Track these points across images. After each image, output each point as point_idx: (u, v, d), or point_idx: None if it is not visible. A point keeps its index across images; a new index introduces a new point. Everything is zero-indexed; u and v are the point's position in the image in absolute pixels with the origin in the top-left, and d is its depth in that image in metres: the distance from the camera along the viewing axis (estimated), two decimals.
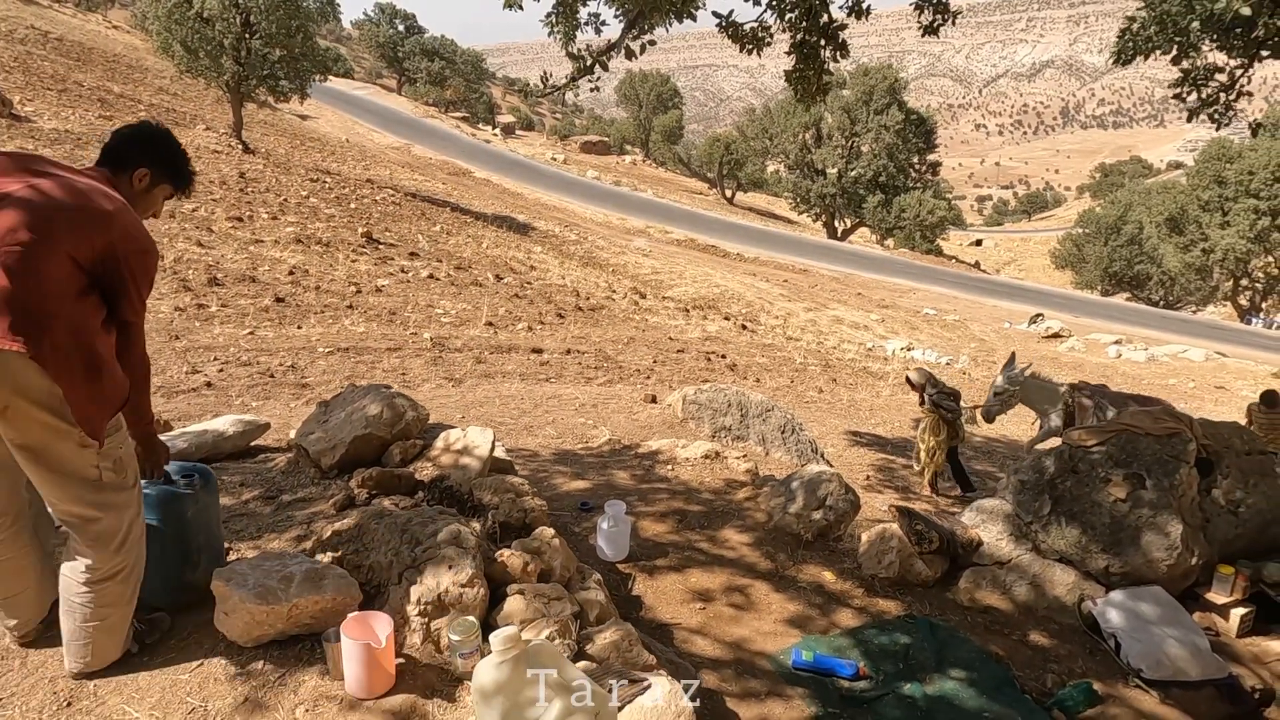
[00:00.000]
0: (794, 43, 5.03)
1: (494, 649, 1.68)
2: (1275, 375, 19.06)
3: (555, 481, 4.61)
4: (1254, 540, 4.08)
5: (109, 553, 2.03)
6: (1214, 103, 5.74)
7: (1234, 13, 4.59)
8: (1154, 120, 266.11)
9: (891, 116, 41.16)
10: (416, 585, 2.25)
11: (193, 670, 2.08)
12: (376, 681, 1.99)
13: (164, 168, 2.22)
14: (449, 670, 2.15)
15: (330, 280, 10.66)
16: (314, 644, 2.18)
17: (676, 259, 24.53)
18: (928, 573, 3.88)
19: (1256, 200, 33.11)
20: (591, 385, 8.24)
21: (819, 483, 4.25)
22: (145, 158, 2.18)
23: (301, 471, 3.36)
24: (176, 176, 2.26)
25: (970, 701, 3.09)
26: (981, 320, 24.10)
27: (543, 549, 2.59)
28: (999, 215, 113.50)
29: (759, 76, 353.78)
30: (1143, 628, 3.52)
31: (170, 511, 2.31)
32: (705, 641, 3.23)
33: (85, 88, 21.42)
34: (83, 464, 1.97)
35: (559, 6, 4.79)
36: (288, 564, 2.22)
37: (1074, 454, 4.11)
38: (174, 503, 2.31)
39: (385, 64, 61.29)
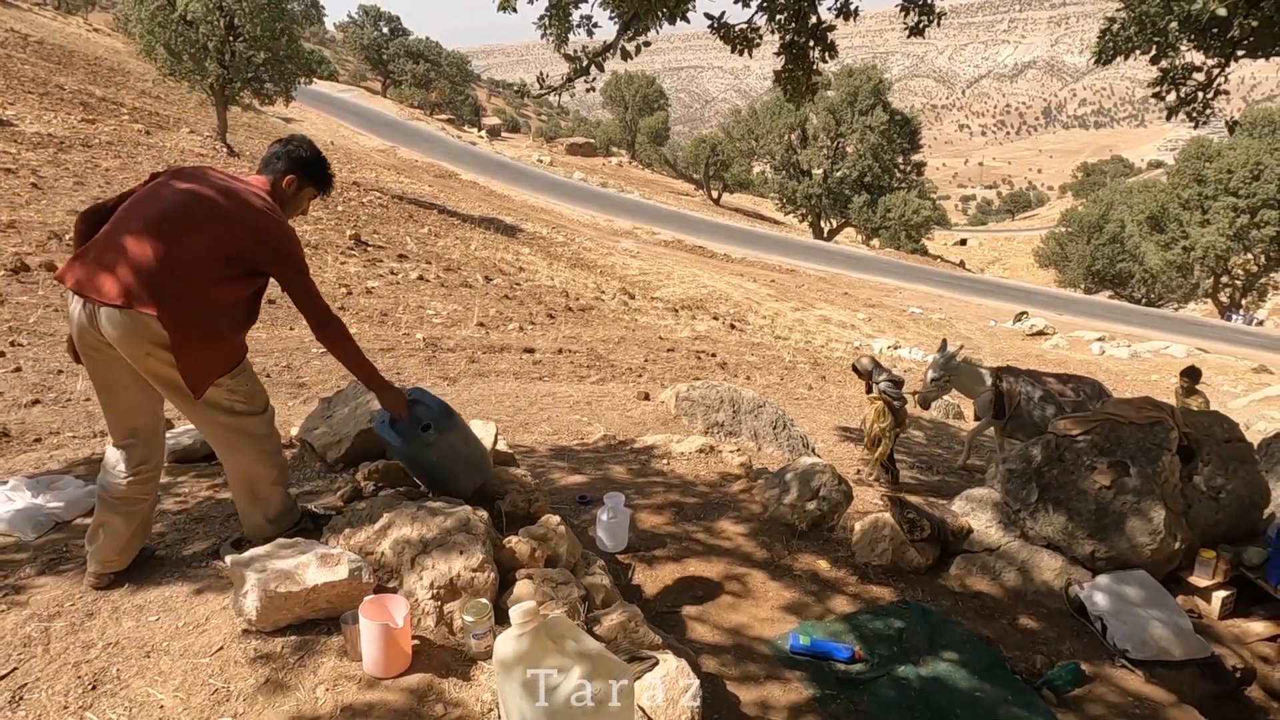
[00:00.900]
0: (783, 44, 5.12)
1: (514, 622, 1.75)
2: (1255, 371, 19.36)
3: (553, 476, 4.67)
4: (1234, 525, 4.20)
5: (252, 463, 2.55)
6: (1192, 101, 5.88)
7: (1210, 13, 4.71)
8: (1135, 120, 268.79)
9: (876, 117, 41.45)
10: (429, 570, 2.32)
11: (213, 654, 2.14)
12: (394, 661, 2.06)
13: (306, 173, 2.68)
14: (462, 651, 2.22)
15: (320, 282, 10.65)
16: (330, 628, 2.24)
17: (664, 260, 24.63)
18: (919, 560, 3.97)
19: (1235, 198, 33.56)
20: (585, 384, 8.31)
21: (812, 474, 4.34)
22: (291, 165, 2.65)
23: (306, 466, 3.41)
24: (316, 180, 2.73)
25: (963, 682, 3.18)
26: (967, 319, 24.33)
27: (549, 536, 2.66)
28: (983, 215, 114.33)
29: (744, 78, 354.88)
30: (1128, 610, 3.63)
31: (419, 449, 2.81)
32: (704, 628, 3.31)
33: (67, 91, 21.29)
34: (217, 396, 2.45)
35: (552, 9, 4.86)
36: (304, 550, 2.28)
37: (1060, 443, 4.22)
38: (422, 445, 2.81)
39: (370, 66, 61.07)
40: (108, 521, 2.46)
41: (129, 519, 2.48)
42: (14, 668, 2.07)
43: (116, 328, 2.28)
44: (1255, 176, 33.17)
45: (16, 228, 9.11)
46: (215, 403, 2.46)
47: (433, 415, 2.81)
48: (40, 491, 2.95)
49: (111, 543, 2.46)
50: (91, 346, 2.37)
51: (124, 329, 2.28)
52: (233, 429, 2.52)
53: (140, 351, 2.32)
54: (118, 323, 2.27)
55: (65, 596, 2.39)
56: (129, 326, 2.27)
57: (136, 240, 2.32)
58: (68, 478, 3.11)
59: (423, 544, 2.38)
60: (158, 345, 2.30)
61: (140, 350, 2.31)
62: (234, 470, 2.59)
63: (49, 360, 6.01)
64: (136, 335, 2.28)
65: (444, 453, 2.82)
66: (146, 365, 2.35)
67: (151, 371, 2.37)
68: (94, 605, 2.35)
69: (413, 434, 2.78)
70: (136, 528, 2.51)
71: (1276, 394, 15.77)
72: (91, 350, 2.38)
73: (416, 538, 2.39)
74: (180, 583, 2.48)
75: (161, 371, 2.36)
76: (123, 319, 2.27)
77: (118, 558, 2.48)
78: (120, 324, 2.27)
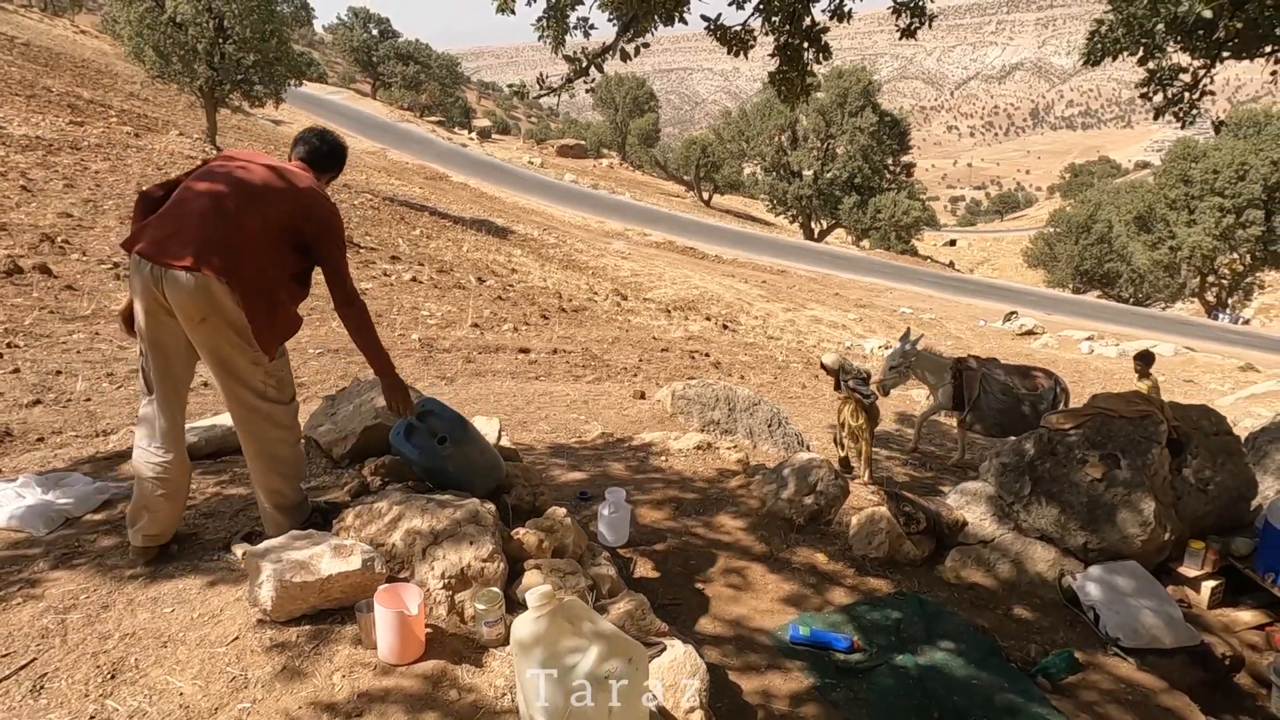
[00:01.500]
0: (778, 45, 5.19)
1: (530, 605, 1.80)
2: (1241, 369, 19.56)
3: (553, 473, 4.72)
4: (1222, 516, 4.29)
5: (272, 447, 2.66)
6: (1179, 102, 5.98)
7: (1196, 15, 4.80)
8: (1121, 121, 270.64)
9: (866, 119, 41.61)
10: (440, 561, 2.36)
11: (229, 644, 2.18)
12: (409, 648, 2.10)
13: (319, 163, 2.89)
14: (474, 639, 2.26)
15: (314, 284, 10.67)
16: (343, 618, 2.29)
17: (655, 261, 24.68)
18: (915, 552, 4.04)
19: (1221, 199, 33.85)
20: (580, 383, 8.35)
21: (810, 469, 4.40)
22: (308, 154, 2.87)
23: (312, 462, 3.45)
24: (321, 167, 2.90)
25: (959, 671, 3.25)
26: (957, 319, 24.47)
27: (555, 527, 2.71)
28: (972, 215, 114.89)
29: (733, 80, 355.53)
30: (1119, 600, 3.70)
31: (435, 461, 2.88)
32: (706, 619, 3.36)
33: (54, 93, 21.16)
34: (253, 376, 2.59)
35: (550, 11, 4.91)
36: (317, 542, 2.32)
37: (1052, 437, 4.30)
38: (437, 457, 2.89)
39: (359, 68, 60.88)
40: (151, 505, 2.59)
41: (173, 498, 2.63)
42: (33, 658, 2.10)
43: (181, 290, 2.42)
44: (1240, 177, 33.47)
45: (8, 230, 9.08)
46: (251, 384, 2.59)
47: (448, 427, 2.88)
48: (50, 488, 2.98)
49: (158, 517, 2.61)
50: (152, 312, 2.50)
51: (189, 292, 2.42)
52: (261, 414, 2.64)
53: (198, 316, 2.45)
54: (184, 285, 2.42)
55: (80, 590, 2.42)
56: (195, 288, 2.42)
57: (202, 212, 2.50)
58: (76, 474, 3.14)
59: (433, 535, 2.42)
60: (217, 311, 2.46)
61: (198, 314, 2.45)
62: (255, 457, 2.68)
63: (47, 361, 6.02)
64: (200, 298, 2.43)
65: (460, 464, 2.90)
66: (201, 332, 2.49)
67: (204, 338, 2.50)
68: (109, 598, 2.38)
69: (429, 447, 2.84)
70: (181, 502, 2.69)
71: (1263, 391, 15.94)
72: (152, 315, 2.51)
73: (427, 529, 2.44)
74: (193, 576, 2.52)
75: (214, 339, 2.50)
76: (190, 281, 2.42)
77: (164, 530, 2.65)
78: (186, 286, 2.42)
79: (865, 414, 6.09)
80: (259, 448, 2.66)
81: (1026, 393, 6.69)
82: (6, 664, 2.07)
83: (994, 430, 6.88)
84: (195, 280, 2.41)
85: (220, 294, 2.44)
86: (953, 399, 6.82)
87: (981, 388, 6.69)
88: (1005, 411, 6.67)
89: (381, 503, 2.61)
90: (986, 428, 6.89)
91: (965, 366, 6.79)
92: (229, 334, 2.50)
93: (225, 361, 2.54)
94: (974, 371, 6.75)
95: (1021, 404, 6.66)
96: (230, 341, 2.52)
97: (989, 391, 6.66)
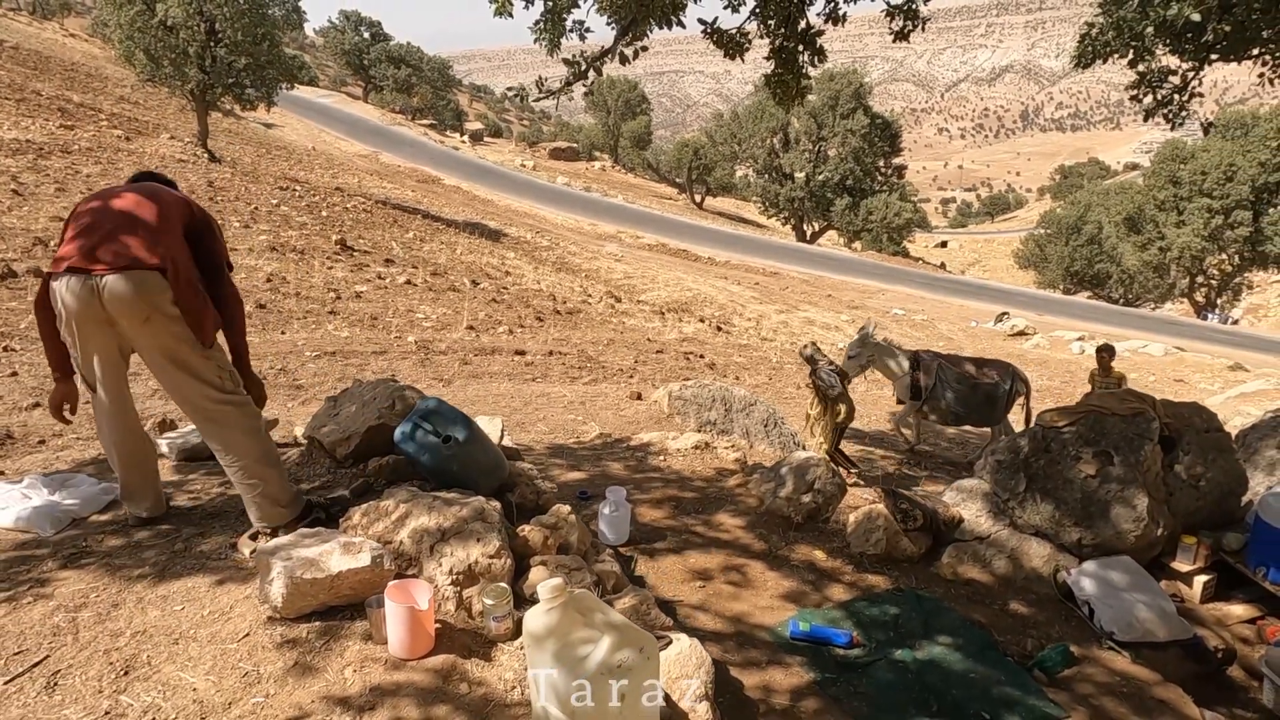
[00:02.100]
0: (773, 48, 5.24)
1: (542, 598, 1.83)
2: (1231, 368, 19.71)
3: (553, 473, 4.74)
4: (1214, 511, 4.34)
5: (244, 436, 2.74)
6: (1169, 103, 6.06)
7: (1185, 18, 4.88)
8: (1110, 123, 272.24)
9: (857, 121, 41.77)
10: (447, 558, 2.39)
11: (240, 640, 2.20)
12: (419, 643, 2.13)
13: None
14: (482, 634, 2.29)
15: (309, 287, 10.68)
16: (353, 614, 2.31)
17: (648, 263, 24.73)
18: (912, 549, 4.08)
19: (1210, 200, 34.10)
20: (577, 384, 8.39)
21: (807, 468, 4.44)
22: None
23: (316, 462, 3.47)
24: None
25: (957, 665, 3.29)
26: (949, 319, 24.59)
27: (559, 524, 2.75)
28: (963, 217, 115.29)
29: (725, 82, 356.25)
30: (1114, 594, 3.75)
31: (439, 460, 2.94)
32: (706, 616, 3.39)
33: (44, 97, 21.09)
34: (205, 368, 2.69)
35: (547, 15, 4.95)
36: (326, 539, 2.35)
37: (1046, 434, 4.35)
38: (442, 457, 2.95)
39: (350, 71, 60.79)
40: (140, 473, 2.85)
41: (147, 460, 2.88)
42: (45, 655, 2.13)
43: (121, 292, 2.49)
44: (1229, 178, 33.72)
45: (0, 234, 9.07)
46: (207, 377, 2.69)
47: (453, 426, 2.91)
48: (55, 489, 3.00)
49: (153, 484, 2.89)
50: (88, 324, 2.57)
51: (128, 291, 2.50)
52: (222, 403, 2.73)
53: (141, 315, 2.54)
54: (123, 287, 2.50)
55: (89, 589, 2.44)
56: (134, 287, 2.50)
57: (118, 219, 2.61)
58: (81, 475, 3.16)
59: (440, 533, 2.45)
60: (157, 307, 2.55)
61: (141, 314, 2.54)
62: (228, 453, 2.75)
63: (43, 364, 6.01)
64: (143, 293, 2.51)
65: (464, 463, 2.93)
66: (147, 332, 2.58)
67: (151, 338, 2.60)
68: (119, 596, 2.40)
69: (435, 447, 2.87)
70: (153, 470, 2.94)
71: (1252, 390, 16.08)
72: (88, 326, 2.58)
73: (434, 527, 2.47)
74: (201, 574, 2.54)
75: (160, 336, 2.60)
76: (128, 281, 2.50)
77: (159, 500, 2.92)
78: (125, 287, 2.50)
79: (822, 404, 6.15)
80: (237, 444, 2.73)
81: (982, 383, 6.79)
82: (20, 661, 2.09)
83: (950, 420, 6.98)
84: (132, 279, 2.50)
85: (156, 288, 2.54)
86: (910, 390, 6.92)
87: (937, 378, 6.80)
88: (961, 401, 6.77)
89: (388, 501, 2.63)
90: (941, 418, 6.99)
91: (922, 358, 6.89)
92: (173, 328, 2.60)
93: (175, 357, 2.63)
94: (930, 363, 6.86)
95: (976, 394, 6.77)
96: (175, 335, 2.61)
97: (944, 382, 6.78)
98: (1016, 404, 7.20)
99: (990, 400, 6.81)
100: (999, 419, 7.08)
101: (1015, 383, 6.94)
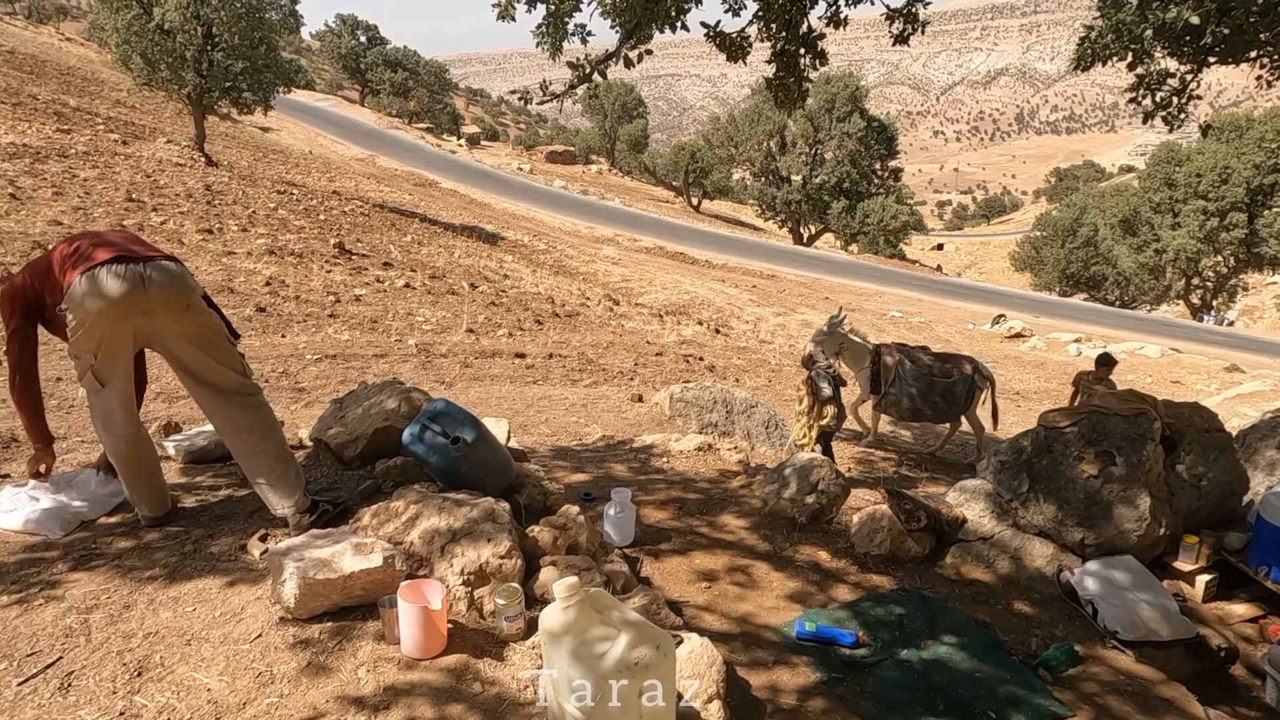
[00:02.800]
0: (774, 52, 5.26)
1: (558, 596, 1.84)
2: (1227, 370, 19.77)
3: (556, 475, 4.73)
4: (1215, 511, 4.37)
5: (265, 411, 2.92)
6: (1167, 106, 6.09)
7: (1184, 21, 4.91)
8: (1105, 125, 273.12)
9: (853, 124, 41.87)
10: (459, 558, 2.40)
11: (253, 641, 2.21)
12: (432, 643, 2.14)
13: None
14: (494, 634, 2.30)
15: (308, 290, 10.68)
16: (365, 614, 2.32)
17: (646, 266, 24.75)
18: (917, 549, 4.10)
19: (1205, 202, 34.24)
20: (578, 387, 8.39)
21: (811, 468, 4.46)
22: None
23: (323, 464, 3.47)
24: None
25: (962, 664, 3.30)
26: (946, 322, 24.63)
27: (569, 525, 2.76)
28: (959, 219, 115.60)
29: (721, 86, 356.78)
30: (1117, 594, 3.77)
31: (449, 461, 2.96)
32: (713, 617, 3.40)
33: (40, 101, 21.06)
34: (233, 355, 2.90)
35: (549, 19, 4.96)
36: (337, 540, 2.36)
37: (1048, 434, 4.37)
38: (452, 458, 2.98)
39: (347, 75, 60.78)
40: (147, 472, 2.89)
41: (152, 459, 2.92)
42: (59, 657, 2.13)
43: (170, 279, 2.67)
44: (1223, 180, 33.86)
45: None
46: (235, 363, 2.89)
47: (461, 428, 2.93)
48: (62, 488, 2.99)
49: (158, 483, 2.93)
50: (126, 315, 2.64)
51: (176, 278, 2.70)
52: (253, 389, 2.93)
53: (184, 301, 2.73)
54: (172, 273, 2.69)
55: (100, 590, 2.44)
56: (180, 274, 2.71)
57: (125, 233, 2.86)
58: (87, 472, 3.15)
59: (451, 533, 2.46)
60: (194, 296, 2.76)
61: (184, 300, 2.73)
62: (259, 432, 2.87)
63: (45, 368, 5.99)
64: (184, 284, 2.72)
65: (473, 464, 2.94)
66: (188, 318, 2.75)
67: (190, 324, 2.76)
68: (130, 598, 2.41)
69: (443, 448, 2.89)
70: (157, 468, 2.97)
71: (1249, 391, 16.14)
72: (124, 319, 2.65)
73: (445, 528, 2.48)
74: (212, 576, 2.55)
75: (198, 322, 2.78)
76: (176, 269, 2.71)
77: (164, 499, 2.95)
78: (174, 274, 2.69)
79: (811, 403, 6.18)
80: (267, 423, 2.89)
81: (942, 378, 6.83)
82: (33, 662, 2.09)
83: (907, 415, 7.02)
84: (177, 268, 2.72)
85: (191, 281, 2.77)
86: (870, 383, 6.97)
87: (897, 373, 6.84)
88: (920, 397, 6.82)
89: (398, 502, 2.64)
90: (899, 412, 7.04)
91: (884, 352, 6.94)
92: (208, 318, 2.81)
93: (210, 343, 2.80)
94: (891, 357, 6.91)
95: (934, 390, 6.81)
96: (211, 325, 2.82)
97: (903, 377, 6.82)
98: (981, 400, 7.26)
99: (949, 396, 6.88)
100: (955, 416, 7.14)
101: (977, 378, 7.00)
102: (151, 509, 2.91)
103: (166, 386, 5.59)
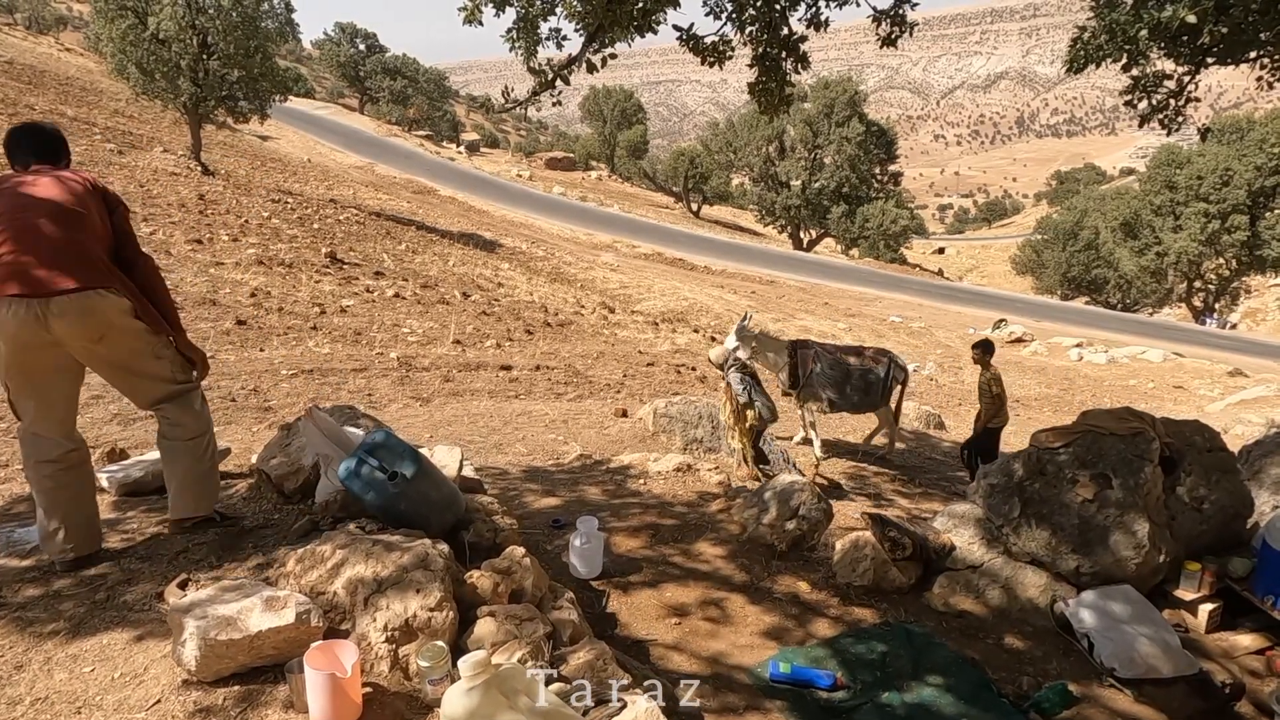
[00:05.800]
0: (755, 55, 5.06)
1: (463, 675, 1.63)
2: (1230, 374, 19.52)
3: (526, 499, 4.54)
4: (1218, 536, 4.14)
5: (194, 414, 2.82)
6: (1164, 108, 5.88)
7: (1180, 21, 4.71)
8: (1106, 128, 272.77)
9: (853, 128, 41.70)
10: (383, 611, 2.19)
11: (149, 708, 2.00)
12: (343, 713, 1.92)
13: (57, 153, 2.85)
14: (418, 698, 2.09)
15: (294, 301, 10.49)
16: (276, 676, 2.11)
17: (644, 273, 24.56)
18: (902, 579, 3.88)
19: (1206, 204, 34.00)
20: (561, 401, 8.18)
21: (791, 493, 4.24)
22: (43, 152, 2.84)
23: (263, 497, 3.27)
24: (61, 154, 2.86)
25: (948, 708, 3.09)
26: (946, 327, 24.40)
27: (513, 569, 2.54)
28: (960, 223, 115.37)
29: (721, 91, 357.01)
30: (1114, 627, 3.55)
31: (386, 499, 2.76)
32: (681, 657, 3.19)
33: (38, 111, 20.95)
34: (161, 369, 2.74)
35: (520, 23, 4.77)
36: (248, 594, 2.15)
37: (1041, 456, 4.15)
38: (389, 494, 2.77)
39: (346, 83, 60.73)
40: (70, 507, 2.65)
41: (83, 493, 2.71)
42: None
43: (73, 315, 2.44)
44: (1225, 182, 33.63)
45: None
46: (163, 375, 2.75)
47: (400, 462, 2.72)
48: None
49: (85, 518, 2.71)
50: (32, 348, 2.47)
51: (81, 314, 2.46)
52: (176, 393, 2.79)
53: (95, 335, 2.51)
54: (78, 307, 2.45)
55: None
56: (86, 309, 2.47)
57: (40, 229, 2.49)
58: None
59: (377, 583, 2.25)
60: (110, 324, 2.53)
61: (96, 334, 2.51)
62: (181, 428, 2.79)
63: None
64: (96, 316, 2.49)
65: (413, 501, 2.73)
66: (101, 350, 2.56)
67: (105, 355, 2.58)
68: (24, 656, 2.19)
69: (379, 484, 2.68)
70: (94, 506, 2.76)
71: (1252, 396, 15.88)
72: (28, 352, 2.48)
73: (371, 576, 2.26)
74: (120, 629, 2.34)
75: (115, 351, 2.60)
76: (83, 301, 2.46)
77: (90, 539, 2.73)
78: (84, 307, 2.46)
79: (734, 410, 6.11)
80: (194, 425, 2.80)
81: (856, 369, 6.87)
82: None
83: (828, 408, 6.97)
84: (85, 300, 2.46)
85: (109, 305, 2.52)
86: (790, 380, 6.93)
87: (813, 365, 6.80)
88: (835, 386, 6.82)
89: (325, 546, 2.42)
90: (820, 406, 6.98)
91: (800, 348, 6.88)
92: (127, 340, 2.61)
93: (131, 368, 2.68)
94: (808, 350, 6.92)
95: (850, 378, 6.85)
96: (130, 349, 2.64)
97: (821, 370, 6.77)
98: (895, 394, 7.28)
99: (866, 387, 6.92)
100: (878, 405, 7.13)
101: (893, 369, 6.99)
102: (77, 547, 2.68)
103: (125, 408, 5.39)
